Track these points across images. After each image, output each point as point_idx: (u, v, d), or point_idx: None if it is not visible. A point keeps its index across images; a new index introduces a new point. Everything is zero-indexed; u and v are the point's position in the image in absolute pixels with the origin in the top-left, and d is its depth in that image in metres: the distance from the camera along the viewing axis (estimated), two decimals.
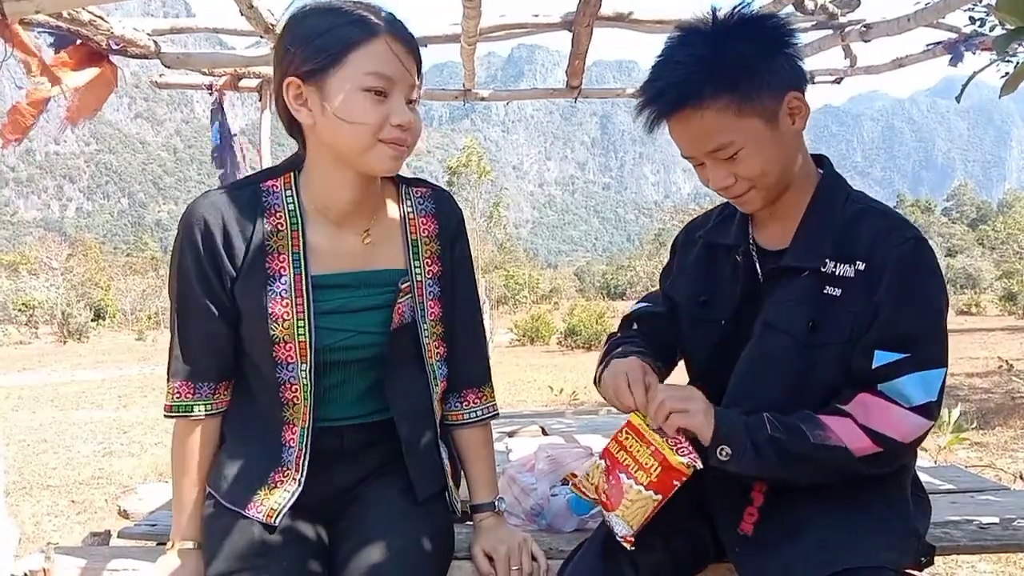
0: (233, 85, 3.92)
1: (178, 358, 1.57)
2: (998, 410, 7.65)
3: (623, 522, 1.42)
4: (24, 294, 41.35)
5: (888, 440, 1.39)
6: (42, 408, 11.28)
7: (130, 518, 2.48)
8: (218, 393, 1.59)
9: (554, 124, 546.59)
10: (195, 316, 1.54)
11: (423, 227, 1.66)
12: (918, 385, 1.40)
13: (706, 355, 1.65)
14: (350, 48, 1.40)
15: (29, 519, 4.98)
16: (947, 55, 3.48)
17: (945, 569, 3.34)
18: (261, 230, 1.52)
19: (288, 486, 1.57)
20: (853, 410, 1.41)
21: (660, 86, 1.44)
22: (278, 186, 1.56)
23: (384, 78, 1.42)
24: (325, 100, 1.42)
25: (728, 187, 1.49)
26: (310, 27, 1.43)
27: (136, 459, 7.05)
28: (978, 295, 38.53)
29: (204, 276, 1.51)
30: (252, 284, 1.51)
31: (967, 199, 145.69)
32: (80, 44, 2.37)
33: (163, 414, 1.61)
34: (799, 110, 1.46)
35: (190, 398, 1.57)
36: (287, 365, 1.53)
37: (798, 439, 1.39)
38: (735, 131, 1.41)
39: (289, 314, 1.51)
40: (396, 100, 1.45)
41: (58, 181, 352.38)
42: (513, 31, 2.95)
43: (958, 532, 1.94)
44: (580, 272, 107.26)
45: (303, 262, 1.52)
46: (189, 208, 1.53)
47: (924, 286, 1.43)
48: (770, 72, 1.42)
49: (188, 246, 1.51)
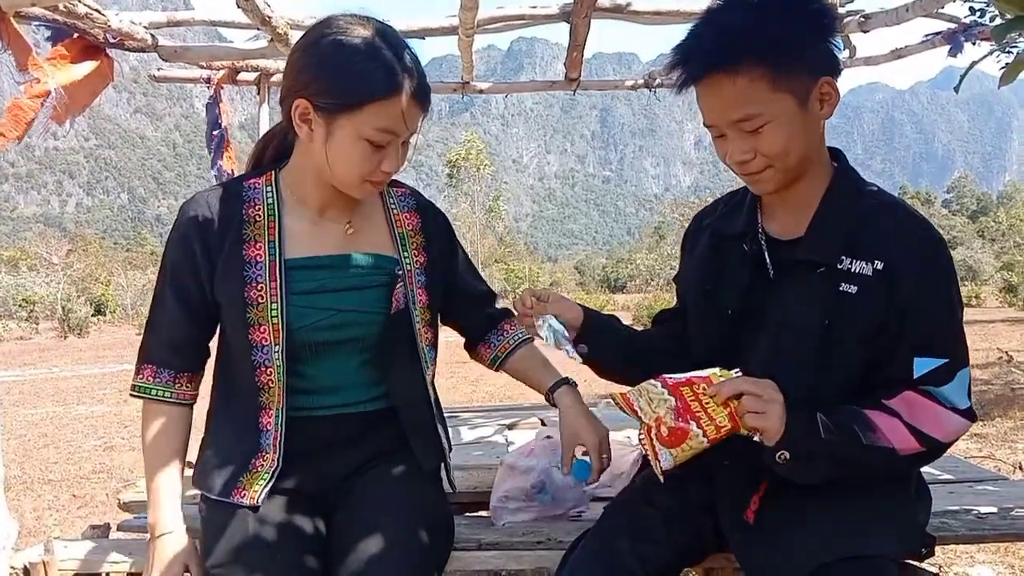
0: (231, 79, 3.92)
1: (145, 344, 1.64)
2: (998, 401, 7.65)
3: (672, 459, 1.40)
4: (24, 289, 41.33)
5: (933, 441, 1.40)
6: (43, 403, 11.29)
7: (130, 511, 2.49)
8: (179, 383, 1.63)
9: (554, 117, 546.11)
10: (165, 312, 1.61)
11: (407, 221, 1.75)
12: (960, 391, 1.42)
13: (712, 345, 1.62)
14: (367, 102, 1.44)
15: (30, 513, 4.99)
16: (946, 45, 3.47)
17: (943, 559, 3.35)
18: (239, 221, 1.59)
19: (268, 469, 1.58)
20: (900, 408, 1.41)
21: (697, 45, 1.41)
22: (259, 183, 1.64)
23: (388, 133, 1.48)
24: (328, 135, 1.48)
25: (746, 162, 1.45)
26: (339, 61, 1.45)
27: (137, 453, 7.03)
28: (978, 287, 38.52)
29: (181, 278, 1.59)
30: (230, 273, 1.57)
31: (967, 191, 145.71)
32: (77, 37, 2.37)
33: (128, 394, 1.66)
34: (829, 97, 1.43)
35: (150, 381, 1.62)
36: (262, 348, 1.56)
37: (851, 444, 1.37)
38: (765, 104, 1.38)
39: (264, 297, 1.56)
40: (392, 149, 1.52)
41: (58, 176, 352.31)
42: (511, 23, 2.94)
43: (956, 522, 1.94)
44: (580, 265, 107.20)
45: (278, 247, 1.59)
46: (180, 210, 1.63)
47: (947, 287, 1.43)
48: (808, 53, 1.39)
49: (172, 247, 1.61)
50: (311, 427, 1.62)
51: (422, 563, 1.52)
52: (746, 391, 1.38)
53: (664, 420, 1.42)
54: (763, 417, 1.37)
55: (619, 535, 1.51)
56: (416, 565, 1.50)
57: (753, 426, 1.37)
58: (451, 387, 10.63)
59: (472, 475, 2.35)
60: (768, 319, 1.52)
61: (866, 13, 3.23)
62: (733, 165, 1.48)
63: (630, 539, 1.50)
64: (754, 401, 1.37)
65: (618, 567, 1.47)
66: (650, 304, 26.20)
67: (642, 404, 1.45)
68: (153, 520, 1.58)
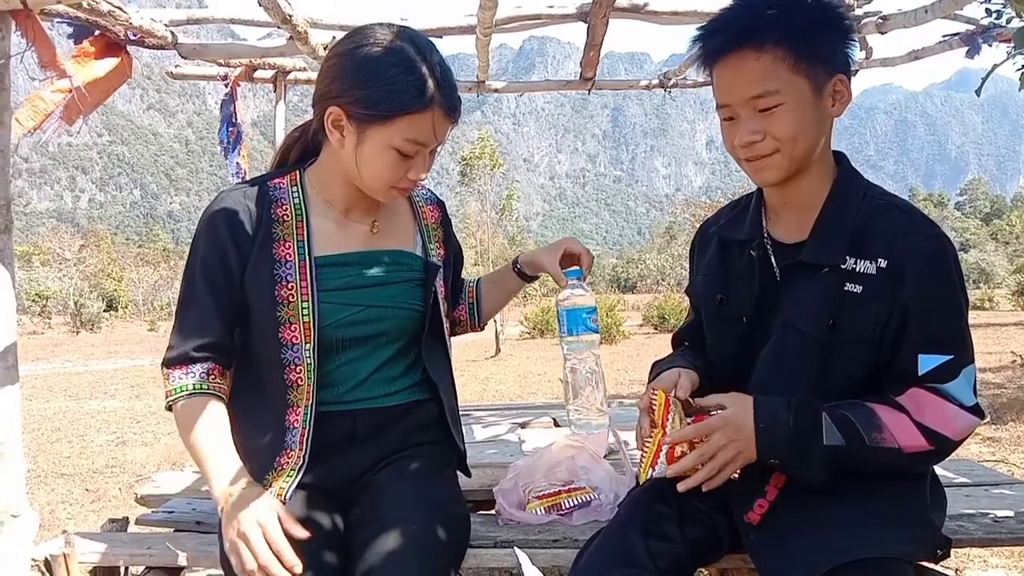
0: (248, 76, 3.93)
1: (172, 347, 1.60)
2: (1011, 405, 7.61)
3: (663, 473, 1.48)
4: (37, 284, 41.60)
5: (941, 438, 1.40)
6: (56, 398, 11.37)
7: (147, 505, 2.51)
8: (212, 375, 1.60)
9: (565, 117, 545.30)
10: (197, 309, 1.60)
11: (431, 214, 1.82)
12: (966, 388, 1.42)
13: (730, 354, 1.63)
14: (400, 114, 1.48)
15: (44, 507, 5.03)
16: (964, 47, 3.45)
17: (957, 563, 3.34)
18: (268, 221, 1.61)
19: (294, 466, 1.58)
20: (907, 405, 1.41)
21: (725, 21, 1.45)
22: (284, 183, 1.67)
23: (418, 144, 1.53)
24: (359, 143, 1.53)
25: (754, 143, 1.45)
26: (375, 73, 1.49)
27: (149, 448, 7.10)
28: (991, 290, 38.35)
29: (212, 276, 1.59)
30: (260, 272, 1.58)
31: (981, 193, 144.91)
32: (99, 34, 2.38)
33: (164, 407, 1.62)
34: (841, 95, 1.46)
35: (183, 379, 1.58)
36: (292, 346, 1.59)
37: (852, 445, 1.39)
38: (784, 83, 1.40)
39: (294, 296, 1.58)
40: (420, 158, 1.56)
41: (71, 172, 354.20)
42: (528, 23, 2.94)
43: (972, 525, 1.93)
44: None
45: (307, 246, 1.61)
46: (208, 208, 1.63)
47: (952, 284, 1.43)
48: (828, 45, 1.44)
49: (203, 245, 1.60)
50: (333, 423, 1.64)
51: (439, 560, 1.52)
52: (691, 437, 1.46)
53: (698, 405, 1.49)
54: (730, 466, 1.45)
55: (632, 533, 1.51)
56: (433, 562, 1.51)
57: (728, 476, 1.46)
58: (461, 385, 10.55)
59: (486, 473, 2.36)
60: (775, 321, 1.53)
61: (884, 14, 3.21)
62: (740, 149, 1.48)
63: (643, 537, 1.50)
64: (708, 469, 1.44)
65: (631, 563, 1.47)
66: (660, 304, 26.16)
67: (674, 415, 1.50)
68: (225, 489, 1.47)
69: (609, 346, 18.71)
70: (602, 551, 1.52)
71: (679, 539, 1.52)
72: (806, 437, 1.40)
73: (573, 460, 2.13)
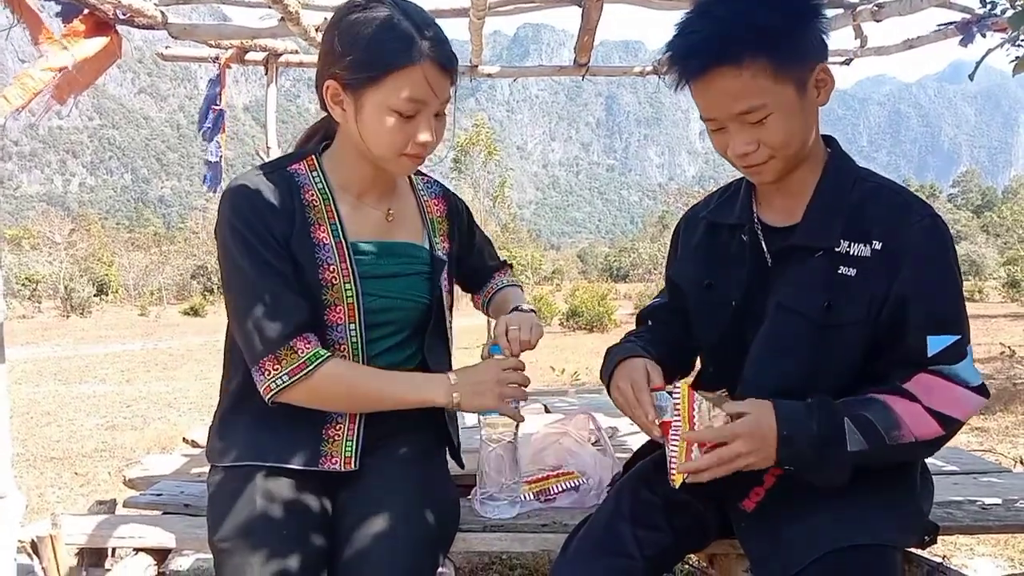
0: (239, 59, 3.89)
1: (265, 333, 1.50)
2: (999, 396, 7.64)
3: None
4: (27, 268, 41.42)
5: (952, 421, 1.39)
6: (45, 382, 11.32)
7: (135, 488, 2.50)
8: (313, 342, 1.55)
9: (559, 105, 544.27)
10: (271, 275, 1.52)
11: (436, 208, 1.82)
12: (971, 368, 1.42)
13: (717, 339, 1.62)
14: (389, 71, 1.46)
15: (33, 490, 5.01)
16: (958, 36, 3.45)
17: (944, 550, 3.35)
18: (300, 205, 1.59)
19: (349, 432, 1.63)
20: (918, 392, 1.40)
21: (697, 41, 1.37)
22: (303, 168, 1.65)
23: (416, 102, 1.49)
24: (358, 112, 1.51)
25: (748, 154, 1.43)
26: (358, 34, 1.47)
27: (139, 432, 7.07)
28: (982, 282, 38.50)
29: (265, 238, 1.52)
30: (304, 256, 1.57)
31: (973, 185, 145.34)
32: (88, 13, 2.36)
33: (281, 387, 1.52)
34: (825, 83, 1.43)
35: (309, 347, 1.53)
36: (336, 327, 1.61)
37: (876, 450, 1.36)
38: (769, 94, 1.36)
39: (337, 279, 1.59)
40: (424, 119, 1.53)
41: (61, 156, 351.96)
42: (523, 5, 2.92)
43: (960, 512, 1.94)
44: (583, 254, 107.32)
45: (341, 229, 1.61)
46: (229, 190, 1.57)
47: (950, 264, 1.43)
48: (803, 39, 1.38)
49: (240, 222, 1.52)
50: None
51: (428, 543, 1.53)
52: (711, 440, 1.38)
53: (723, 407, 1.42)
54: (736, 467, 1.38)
55: (620, 520, 1.51)
56: (422, 545, 1.51)
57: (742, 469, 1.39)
58: None
59: (476, 458, 2.35)
60: (769, 306, 1.52)
61: (879, 2, 3.21)
62: (734, 158, 1.46)
63: (631, 525, 1.50)
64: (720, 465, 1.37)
65: (618, 552, 1.47)
66: (652, 293, 26.05)
67: (702, 408, 1.43)
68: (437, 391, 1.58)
69: (600, 334, 18.76)
70: (589, 540, 1.52)
71: (666, 527, 1.52)
72: (830, 444, 1.35)
73: (560, 444, 2.13)
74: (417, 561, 1.48)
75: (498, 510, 1.84)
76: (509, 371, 1.60)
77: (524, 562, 3.17)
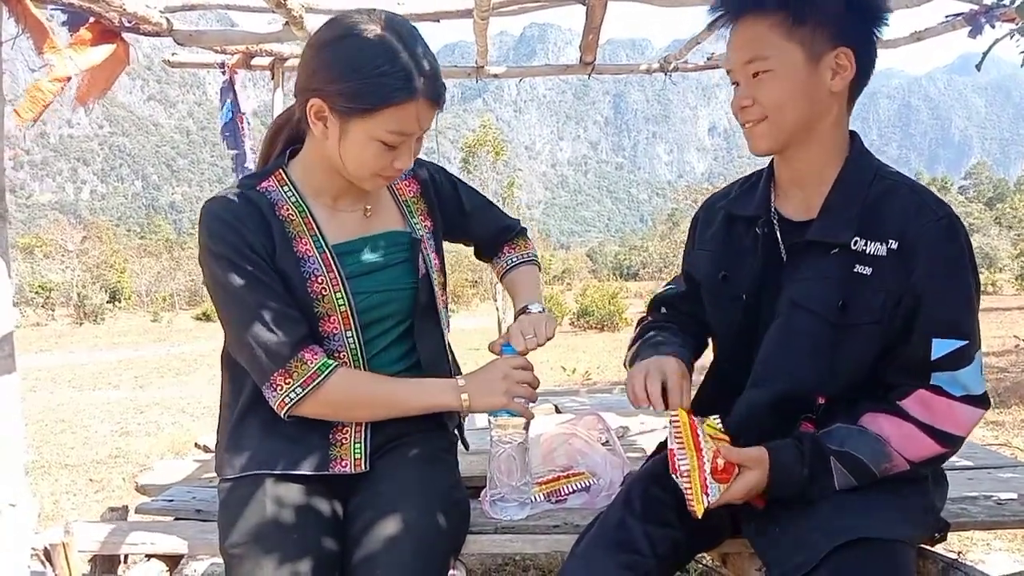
0: (245, 64, 3.90)
1: (271, 348, 1.51)
2: (1014, 389, 7.60)
3: (719, 493, 1.41)
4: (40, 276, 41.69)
5: (953, 438, 1.40)
6: (59, 389, 11.39)
7: (147, 494, 2.51)
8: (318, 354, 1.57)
9: (567, 104, 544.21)
10: (263, 290, 1.52)
11: (408, 189, 1.80)
12: (977, 375, 1.41)
13: (734, 332, 1.61)
14: (384, 107, 1.45)
15: (48, 497, 5.04)
16: (966, 27, 3.42)
17: (960, 546, 3.33)
18: (277, 222, 1.58)
19: (357, 434, 1.64)
20: (913, 410, 1.40)
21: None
22: (272, 184, 1.64)
23: (403, 136, 1.50)
24: (343, 135, 1.50)
25: (745, 108, 1.47)
26: (356, 65, 1.45)
27: (153, 438, 7.11)
28: (994, 274, 38.27)
29: (247, 255, 1.52)
30: (290, 270, 1.56)
31: (984, 177, 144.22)
32: (94, 21, 2.36)
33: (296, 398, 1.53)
34: (844, 70, 1.42)
35: (316, 358, 1.55)
36: (333, 337, 1.61)
37: (864, 480, 1.41)
38: (774, 48, 1.40)
39: (327, 289, 1.59)
40: (405, 147, 1.54)
41: (72, 164, 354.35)
42: (527, 5, 2.91)
43: (975, 508, 1.92)
44: (592, 253, 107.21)
45: (322, 237, 1.61)
46: (203, 216, 1.56)
47: (963, 266, 1.41)
48: (838, 17, 1.39)
49: (220, 245, 1.52)
50: None
51: (438, 546, 1.52)
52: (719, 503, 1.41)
53: (721, 452, 1.42)
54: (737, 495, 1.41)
55: (631, 519, 1.50)
56: (431, 548, 1.50)
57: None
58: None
59: (486, 459, 2.34)
60: (782, 302, 1.50)
61: None
62: (735, 113, 1.50)
63: (642, 523, 1.49)
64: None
65: (629, 549, 1.46)
66: None
67: (704, 433, 1.44)
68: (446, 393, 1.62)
69: (611, 333, 18.75)
70: (600, 537, 1.51)
71: (678, 525, 1.51)
72: (817, 483, 1.41)
73: (570, 444, 2.12)
74: (428, 564, 1.48)
75: (509, 512, 1.84)
76: (518, 369, 1.61)
77: (538, 563, 3.16)
